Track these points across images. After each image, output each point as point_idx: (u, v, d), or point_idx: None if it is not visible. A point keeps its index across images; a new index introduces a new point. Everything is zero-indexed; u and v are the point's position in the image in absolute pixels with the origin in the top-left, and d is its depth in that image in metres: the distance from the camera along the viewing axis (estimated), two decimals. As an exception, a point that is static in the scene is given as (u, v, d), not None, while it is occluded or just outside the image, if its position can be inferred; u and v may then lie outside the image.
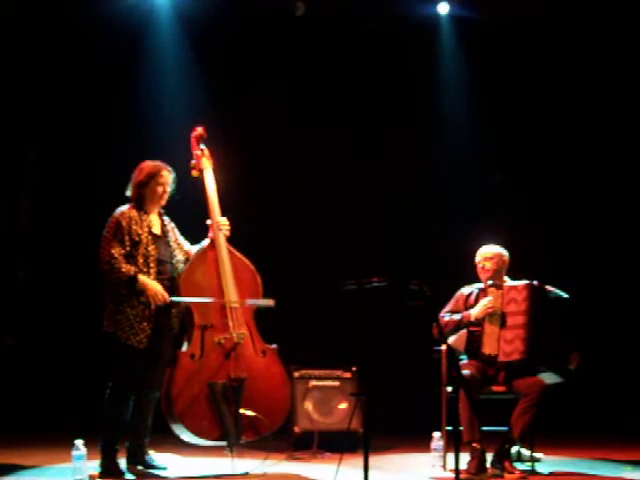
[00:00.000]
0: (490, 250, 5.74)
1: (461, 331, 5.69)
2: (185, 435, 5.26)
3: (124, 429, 5.22)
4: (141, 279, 5.12)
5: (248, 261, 5.59)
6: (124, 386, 5.16)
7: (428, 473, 5.51)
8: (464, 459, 5.13)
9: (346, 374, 6.32)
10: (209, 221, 5.59)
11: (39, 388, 7.18)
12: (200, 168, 5.70)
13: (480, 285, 5.75)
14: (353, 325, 4.75)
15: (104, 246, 5.16)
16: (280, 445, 5.91)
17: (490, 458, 5.35)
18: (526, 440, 5.44)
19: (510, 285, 5.59)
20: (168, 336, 5.33)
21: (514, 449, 5.54)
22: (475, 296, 5.70)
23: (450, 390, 5.48)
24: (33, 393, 7.17)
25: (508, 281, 5.70)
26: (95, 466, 5.13)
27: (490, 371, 5.52)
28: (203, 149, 5.76)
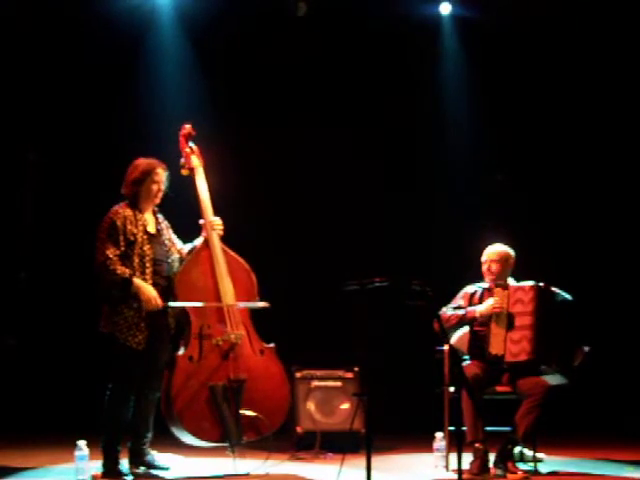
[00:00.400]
0: (497, 252, 5.71)
1: (464, 331, 5.69)
2: (186, 437, 5.25)
3: (126, 429, 5.21)
4: (136, 282, 5.07)
5: (242, 260, 5.53)
6: (124, 386, 5.14)
7: (431, 473, 5.51)
8: (467, 459, 5.11)
9: (348, 374, 6.30)
10: (202, 221, 5.53)
11: (41, 388, 7.17)
12: (190, 167, 5.60)
13: (484, 284, 5.74)
14: (355, 325, 4.74)
15: (98, 246, 5.11)
16: (282, 445, 5.91)
17: (493, 458, 5.35)
18: (529, 441, 5.43)
19: (516, 286, 5.59)
20: (166, 336, 5.30)
21: (517, 449, 5.53)
22: (480, 295, 5.69)
23: (452, 390, 5.49)
24: (35, 393, 7.15)
25: (511, 281, 5.69)
26: (98, 466, 5.13)
27: (494, 372, 5.51)
28: (192, 147, 5.66)
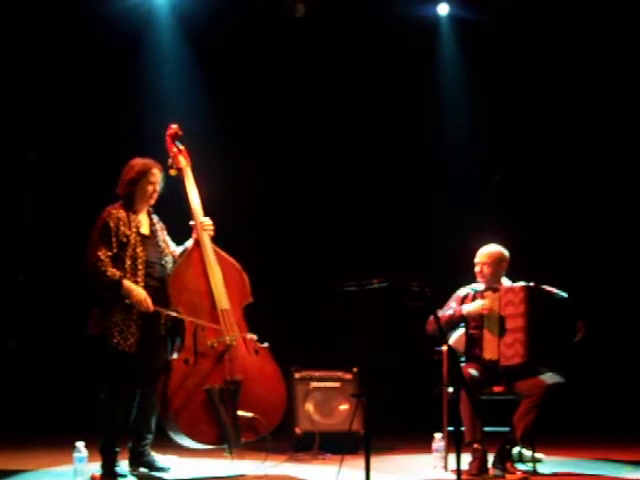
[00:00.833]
0: (489, 253, 5.68)
1: (460, 332, 5.69)
2: (182, 440, 5.22)
3: (126, 431, 5.21)
4: (126, 285, 5.04)
5: (234, 260, 5.50)
6: (119, 388, 5.12)
7: (429, 474, 5.51)
8: (465, 460, 5.12)
9: (347, 375, 6.30)
10: (192, 222, 5.48)
11: (40, 390, 7.18)
12: (178, 167, 5.54)
13: (476, 286, 5.73)
14: (354, 326, 4.74)
15: (91, 247, 5.08)
16: (281, 446, 5.90)
17: (491, 459, 5.35)
18: (528, 441, 5.42)
19: (507, 287, 5.55)
20: (159, 336, 5.25)
21: (515, 450, 5.53)
22: (472, 298, 5.66)
23: (451, 391, 5.49)
24: (34, 395, 7.16)
25: (505, 282, 5.67)
26: (97, 468, 5.13)
27: (491, 374, 5.49)
28: (180, 147, 5.61)
